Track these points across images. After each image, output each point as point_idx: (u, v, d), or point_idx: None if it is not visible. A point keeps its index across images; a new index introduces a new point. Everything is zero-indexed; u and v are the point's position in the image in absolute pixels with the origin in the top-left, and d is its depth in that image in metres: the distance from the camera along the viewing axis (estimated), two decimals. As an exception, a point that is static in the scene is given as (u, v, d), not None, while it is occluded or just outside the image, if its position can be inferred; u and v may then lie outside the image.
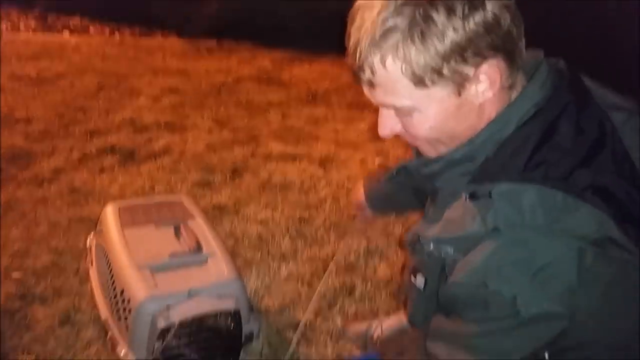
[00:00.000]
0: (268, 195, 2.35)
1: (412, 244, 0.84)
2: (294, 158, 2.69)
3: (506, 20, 0.72)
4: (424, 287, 0.86)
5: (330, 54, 4.34)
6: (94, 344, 1.52)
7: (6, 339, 1.53)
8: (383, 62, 0.72)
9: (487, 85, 0.75)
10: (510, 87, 0.78)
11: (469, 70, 0.73)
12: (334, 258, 1.89)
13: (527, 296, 0.71)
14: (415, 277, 0.89)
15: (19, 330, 1.57)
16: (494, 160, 0.77)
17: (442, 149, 0.81)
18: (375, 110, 0.84)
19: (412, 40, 0.70)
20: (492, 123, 0.78)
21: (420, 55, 0.70)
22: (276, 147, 2.80)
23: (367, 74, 0.74)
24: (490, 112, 0.78)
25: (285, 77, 3.90)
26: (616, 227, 0.71)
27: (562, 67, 0.81)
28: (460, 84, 0.74)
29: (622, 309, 0.77)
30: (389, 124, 0.81)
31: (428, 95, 0.74)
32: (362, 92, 0.80)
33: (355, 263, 1.94)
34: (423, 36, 0.69)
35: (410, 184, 1.03)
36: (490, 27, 0.71)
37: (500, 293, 0.71)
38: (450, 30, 0.69)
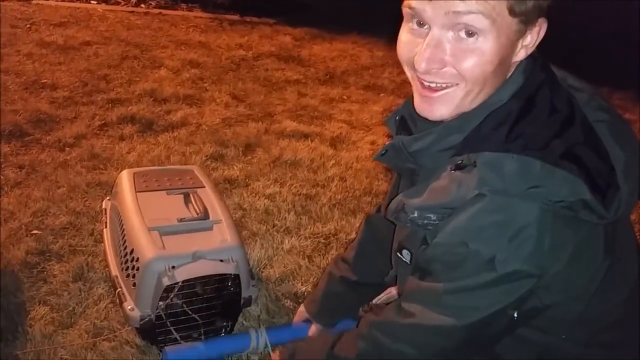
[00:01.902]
0: (278, 171, 2.42)
1: (396, 212, 0.87)
2: (306, 136, 2.75)
3: None
4: (410, 260, 0.93)
5: (351, 33, 4.36)
6: (104, 300, 1.62)
7: (25, 291, 1.64)
8: None
9: (532, 41, 0.82)
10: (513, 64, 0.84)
11: (536, 16, 0.79)
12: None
13: (504, 256, 0.77)
14: (401, 253, 0.95)
15: (36, 283, 1.67)
16: (477, 133, 0.83)
17: (463, 100, 0.83)
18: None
19: None
20: (492, 96, 0.83)
21: None
22: (290, 124, 2.86)
23: None
24: (498, 83, 0.83)
25: (304, 55, 3.94)
26: (589, 191, 0.76)
27: (533, 52, 0.86)
28: (527, 26, 0.79)
29: (584, 273, 0.83)
30: (437, 53, 0.79)
31: (506, 25, 0.77)
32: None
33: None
34: None
35: (394, 168, 1.08)
36: None
37: (479, 252, 0.78)
38: None
